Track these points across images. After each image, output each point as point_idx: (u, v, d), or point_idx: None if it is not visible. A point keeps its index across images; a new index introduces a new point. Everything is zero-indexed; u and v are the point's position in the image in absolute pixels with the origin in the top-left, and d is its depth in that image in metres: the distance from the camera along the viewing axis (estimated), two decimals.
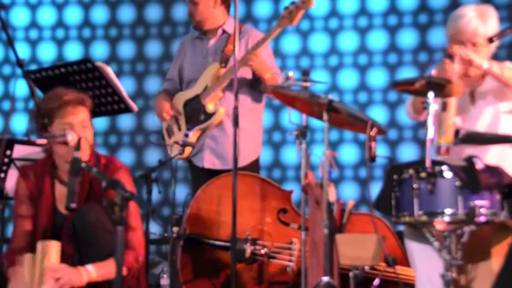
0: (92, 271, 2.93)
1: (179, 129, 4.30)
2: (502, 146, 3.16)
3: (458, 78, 3.03)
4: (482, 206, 2.69)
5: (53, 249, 2.92)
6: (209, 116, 4.20)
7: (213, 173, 4.11)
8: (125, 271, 3.00)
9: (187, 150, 4.20)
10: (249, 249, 3.80)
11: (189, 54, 4.37)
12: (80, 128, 3.10)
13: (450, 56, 3.09)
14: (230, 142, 4.12)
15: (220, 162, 4.21)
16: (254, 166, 4.25)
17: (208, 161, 4.23)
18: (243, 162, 4.16)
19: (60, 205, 3.14)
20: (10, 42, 3.52)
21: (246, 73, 4.17)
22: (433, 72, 3.13)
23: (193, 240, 3.83)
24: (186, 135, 4.16)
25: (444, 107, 2.98)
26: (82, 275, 2.91)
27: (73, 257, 3.03)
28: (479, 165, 2.74)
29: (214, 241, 3.83)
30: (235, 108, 3.60)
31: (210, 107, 4.21)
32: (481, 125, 3.19)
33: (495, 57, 3.28)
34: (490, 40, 3.17)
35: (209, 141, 4.24)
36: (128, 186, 2.75)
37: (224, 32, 4.30)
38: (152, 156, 5.76)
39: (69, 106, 3.09)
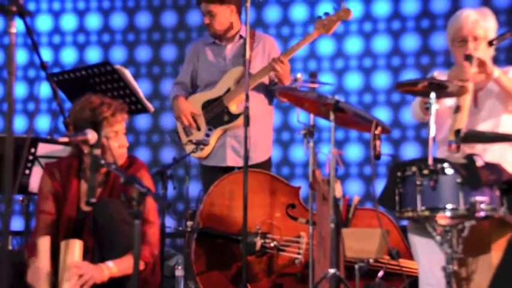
0: (113, 267, 2.92)
1: (198, 129, 4.27)
2: (502, 144, 3.13)
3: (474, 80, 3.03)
4: (483, 201, 2.67)
5: (75, 247, 2.91)
6: (233, 116, 4.18)
7: (225, 171, 4.09)
8: (142, 265, 3.00)
9: (207, 149, 4.18)
10: (259, 242, 3.79)
11: (204, 58, 4.35)
12: (121, 134, 3.10)
13: (468, 58, 3.06)
14: (251, 142, 4.13)
15: (241, 160, 4.17)
16: (268, 163, 4.26)
17: (231, 159, 4.19)
18: (259, 159, 4.18)
19: (82, 202, 3.13)
20: (35, 47, 3.52)
21: (264, 77, 4.16)
22: (450, 73, 3.10)
23: (207, 233, 3.82)
24: (208, 135, 4.14)
25: (458, 109, 2.97)
26: (104, 271, 2.90)
27: (93, 250, 3.01)
28: (479, 163, 2.71)
29: (226, 234, 3.82)
30: (246, 108, 3.60)
31: (233, 108, 4.18)
32: (483, 125, 3.16)
33: (494, 60, 3.25)
34: (490, 43, 3.14)
35: (231, 140, 4.21)
36: (146, 182, 2.74)
37: (241, 37, 4.27)
38: (167, 154, 5.76)
39: (119, 115, 3.08)
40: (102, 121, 3.02)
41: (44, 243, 2.94)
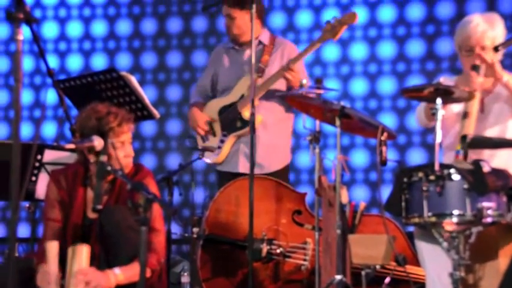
0: (119, 274, 2.91)
1: (214, 134, 4.25)
2: (508, 150, 3.12)
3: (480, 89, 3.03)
4: (489, 207, 2.65)
5: (83, 253, 2.91)
6: (246, 123, 4.13)
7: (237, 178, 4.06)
8: (148, 273, 3.00)
9: (222, 155, 4.17)
10: (265, 248, 3.78)
11: (223, 63, 4.33)
12: (128, 144, 3.09)
13: (476, 68, 3.07)
14: (262, 148, 4.12)
15: (255, 167, 4.16)
16: (284, 172, 4.21)
17: (243, 166, 4.16)
18: (274, 168, 4.15)
19: (89, 210, 3.12)
20: (41, 54, 3.53)
21: (280, 84, 4.14)
22: (457, 81, 3.10)
23: (212, 240, 3.82)
24: (222, 141, 4.13)
25: (466, 115, 2.97)
26: (110, 278, 2.90)
27: (100, 256, 3.01)
28: (486, 169, 2.70)
29: (232, 241, 3.82)
30: (252, 115, 3.58)
31: (246, 114, 4.14)
32: (490, 130, 3.16)
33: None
34: (496, 49, 3.13)
35: (244, 147, 4.18)
36: (153, 190, 2.73)
37: (260, 42, 4.25)
38: (173, 160, 5.76)
39: (126, 125, 3.07)
40: (108, 131, 3.01)
41: (53, 248, 2.94)
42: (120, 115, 3.07)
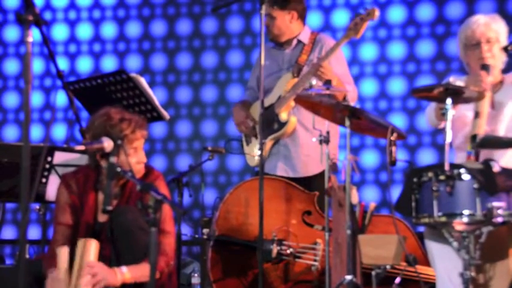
0: (126, 272, 2.92)
1: (256, 137, 4.17)
2: None
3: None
4: (500, 207, 2.65)
5: (91, 246, 2.93)
6: (282, 125, 4.08)
7: None
8: (157, 275, 3.00)
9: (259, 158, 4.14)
10: (275, 249, 3.78)
11: (266, 64, 4.25)
12: (140, 150, 3.09)
13: (485, 68, 3.06)
14: (302, 151, 4.08)
15: (291, 170, 4.10)
16: (321, 177, 3.84)
17: (281, 168, 4.11)
18: (310, 172, 4.07)
19: (100, 213, 3.12)
20: (51, 56, 3.55)
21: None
22: (466, 81, 3.10)
23: (223, 241, 3.83)
24: (262, 144, 4.09)
25: (477, 115, 2.96)
26: (117, 275, 2.90)
27: (110, 258, 3.02)
28: (496, 168, 2.70)
29: (243, 242, 3.82)
30: (261, 115, 3.56)
31: (283, 116, 4.08)
32: (500, 128, 3.15)
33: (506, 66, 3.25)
34: (506, 49, 3.13)
35: (282, 149, 4.12)
36: (163, 191, 2.73)
37: (299, 42, 4.19)
38: (183, 162, 5.78)
39: (139, 132, 3.06)
40: (121, 138, 2.97)
41: (64, 254, 2.95)
42: (133, 121, 3.04)
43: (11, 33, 6.22)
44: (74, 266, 2.90)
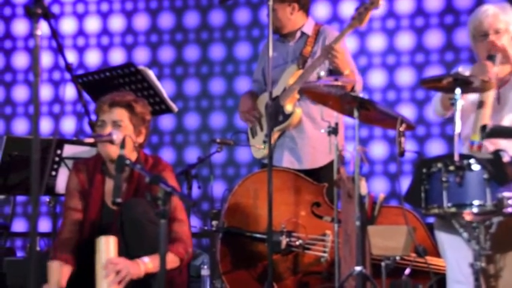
0: (148, 262, 2.93)
1: (261, 129, 4.17)
2: None
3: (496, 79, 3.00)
4: (510, 197, 2.64)
5: (110, 243, 2.92)
6: (287, 116, 4.07)
7: None
8: (177, 262, 3.02)
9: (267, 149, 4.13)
10: (284, 241, 3.78)
11: (273, 55, 4.23)
12: (112, 126, 3.10)
13: (491, 58, 3.04)
14: (308, 143, 4.07)
15: (297, 162, 4.09)
16: (330, 167, 3.86)
17: (287, 160, 4.10)
18: (318, 163, 4.06)
19: (108, 200, 3.15)
20: (60, 49, 3.55)
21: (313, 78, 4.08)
22: (471, 71, 3.07)
23: (232, 233, 3.83)
24: (267, 136, 4.09)
25: (481, 105, 2.94)
26: (140, 267, 2.91)
27: (120, 250, 3.03)
28: (506, 158, 2.68)
29: (252, 233, 3.82)
30: (267, 105, 3.55)
31: (288, 107, 4.06)
32: (507, 121, 3.13)
33: None
34: None
35: (288, 141, 4.12)
36: (172, 183, 2.73)
37: (303, 34, 4.18)
38: (191, 154, 5.78)
39: (104, 105, 3.12)
40: (96, 111, 3.13)
41: (56, 269, 2.95)
42: (113, 96, 3.14)
43: (20, 27, 6.23)
44: (96, 264, 2.89)
